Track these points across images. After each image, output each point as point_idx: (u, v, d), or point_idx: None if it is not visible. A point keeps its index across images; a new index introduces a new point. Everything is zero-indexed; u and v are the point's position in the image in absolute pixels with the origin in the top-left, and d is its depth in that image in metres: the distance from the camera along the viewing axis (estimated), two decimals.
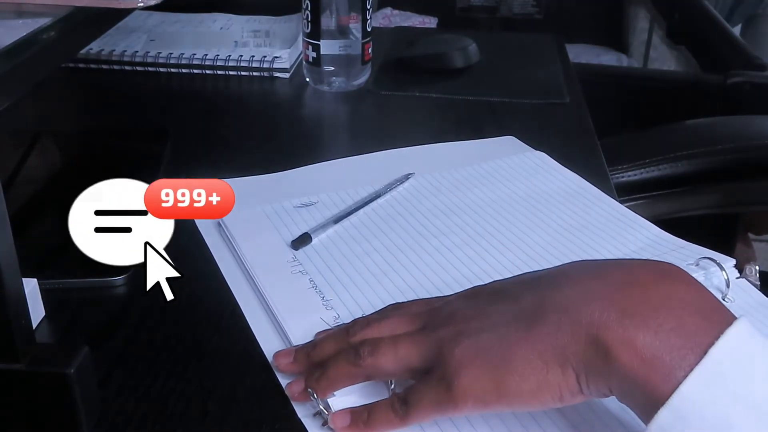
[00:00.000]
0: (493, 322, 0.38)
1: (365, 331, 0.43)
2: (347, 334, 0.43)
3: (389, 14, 1.84)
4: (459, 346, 0.38)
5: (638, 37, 2.14)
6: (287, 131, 0.82)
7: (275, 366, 0.45)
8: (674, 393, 0.32)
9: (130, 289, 0.53)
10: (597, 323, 0.35)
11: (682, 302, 0.35)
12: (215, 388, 0.44)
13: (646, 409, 0.34)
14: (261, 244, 0.56)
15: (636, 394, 0.34)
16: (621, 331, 0.34)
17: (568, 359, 0.35)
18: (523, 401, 0.36)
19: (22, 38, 0.38)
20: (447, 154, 0.73)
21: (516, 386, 0.36)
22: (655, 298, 0.35)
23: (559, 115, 0.85)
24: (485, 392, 0.37)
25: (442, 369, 0.38)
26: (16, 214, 0.59)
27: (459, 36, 1.00)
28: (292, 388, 0.43)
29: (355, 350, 0.41)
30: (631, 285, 0.36)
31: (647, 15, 2.08)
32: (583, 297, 0.36)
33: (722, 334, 0.33)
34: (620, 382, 0.34)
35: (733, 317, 0.35)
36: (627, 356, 0.34)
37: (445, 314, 0.41)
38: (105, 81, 0.95)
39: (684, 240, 0.57)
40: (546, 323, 0.36)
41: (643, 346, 0.33)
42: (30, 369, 0.38)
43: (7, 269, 0.35)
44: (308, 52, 0.88)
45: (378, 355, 0.40)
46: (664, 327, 0.34)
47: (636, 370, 0.33)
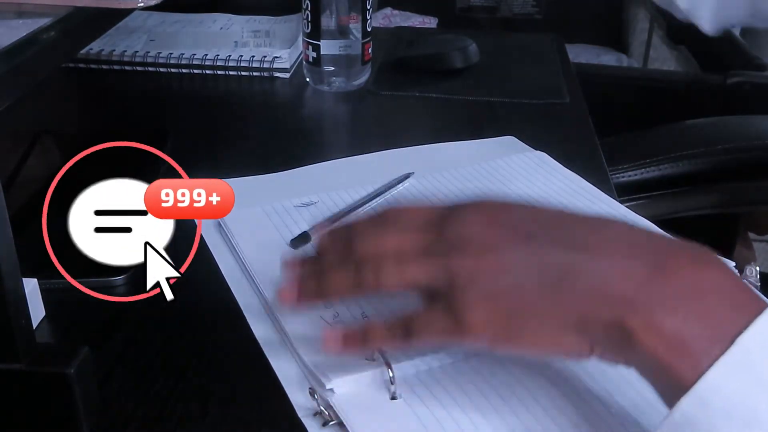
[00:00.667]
0: (515, 269, 0.37)
1: (369, 243, 0.41)
2: (349, 243, 0.41)
3: (389, 14, 1.84)
4: (475, 285, 0.37)
5: (638, 37, 2.14)
6: (287, 131, 0.82)
7: (282, 271, 0.44)
8: (699, 380, 0.32)
9: (130, 289, 0.53)
10: (624, 305, 0.34)
11: (714, 291, 0.34)
12: (215, 388, 0.44)
13: (668, 393, 0.33)
14: (261, 243, 0.56)
15: (658, 376, 0.34)
16: (648, 317, 0.33)
17: (587, 330, 0.35)
18: (531, 352, 0.37)
19: (22, 38, 0.38)
20: (447, 153, 0.73)
21: (527, 340, 0.36)
22: (687, 285, 0.34)
23: (559, 115, 0.85)
24: (495, 335, 0.36)
25: (453, 302, 0.37)
26: (16, 214, 0.59)
27: (459, 36, 1.00)
28: (285, 296, 0.42)
29: (356, 269, 0.40)
30: (663, 269, 0.35)
31: (647, 15, 2.08)
32: (615, 275, 0.35)
33: (752, 323, 0.32)
34: (641, 363, 0.34)
35: (761, 305, 0.34)
36: (652, 341, 0.33)
37: (458, 238, 0.38)
38: (105, 81, 0.95)
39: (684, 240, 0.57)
40: (573, 292, 0.35)
41: (670, 332, 0.33)
42: (30, 369, 0.38)
43: (7, 269, 0.35)
44: (308, 52, 0.88)
45: (382, 276, 0.39)
46: (694, 315, 0.33)
47: (660, 355, 0.33)
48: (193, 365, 0.46)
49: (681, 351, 0.33)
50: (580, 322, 0.35)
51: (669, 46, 1.81)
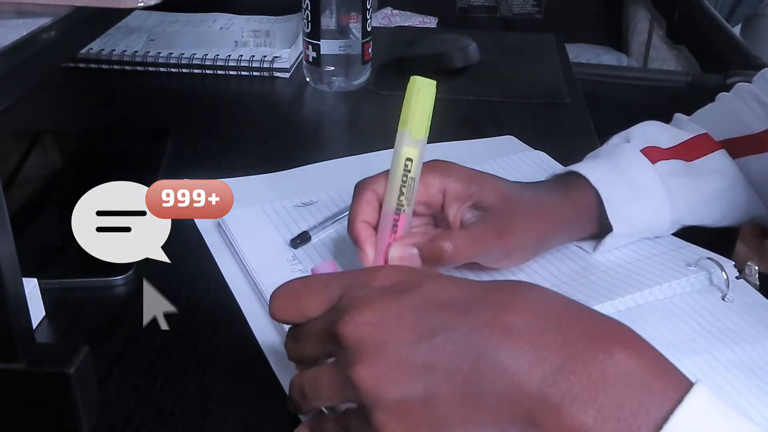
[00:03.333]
0: (420, 374, 0.34)
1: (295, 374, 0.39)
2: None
3: (389, 14, 1.84)
4: (382, 401, 0.34)
5: (638, 37, 2.14)
6: (287, 131, 0.82)
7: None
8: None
9: (130, 289, 0.53)
10: (534, 403, 0.32)
11: (624, 378, 0.32)
12: (215, 388, 0.44)
13: None
14: (261, 243, 0.56)
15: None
16: (560, 419, 0.32)
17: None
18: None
19: (22, 38, 0.38)
20: (446, 153, 0.73)
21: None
22: (596, 375, 0.32)
23: (559, 115, 0.85)
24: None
25: (367, 422, 0.34)
26: (16, 214, 0.59)
27: (459, 36, 1.00)
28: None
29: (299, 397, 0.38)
30: (573, 360, 0.33)
31: (647, 15, 2.08)
32: (524, 368, 0.33)
33: (666, 419, 0.31)
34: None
35: (679, 379, 0.33)
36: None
37: (350, 340, 0.35)
38: (105, 81, 0.95)
39: (683, 240, 0.57)
40: (485, 396, 0.33)
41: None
42: (30, 369, 0.38)
43: (7, 269, 0.35)
44: (308, 51, 0.88)
45: (312, 402, 0.37)
46: (603, 412, 0.31)
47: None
48: (192, 365, 0.46)
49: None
50: (498, 428, 0.33)
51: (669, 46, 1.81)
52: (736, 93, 0.65)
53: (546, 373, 0.33)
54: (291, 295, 0.39)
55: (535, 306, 0.35)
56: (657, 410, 0.31)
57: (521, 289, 0.37)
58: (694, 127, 0.61)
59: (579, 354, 0.33)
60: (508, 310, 0.35)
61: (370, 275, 0.38)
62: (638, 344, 0.34)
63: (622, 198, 0.54)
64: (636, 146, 0.57)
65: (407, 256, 0.46)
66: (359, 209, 0.48)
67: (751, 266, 0.53)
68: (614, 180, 0.54)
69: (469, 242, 0.47)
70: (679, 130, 0.60)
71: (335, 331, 0.35)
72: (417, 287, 0.36)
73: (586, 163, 0.57)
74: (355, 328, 0.35)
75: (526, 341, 0.33)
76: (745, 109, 0.62)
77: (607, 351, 0.33)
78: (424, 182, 0.48)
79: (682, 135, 0.60)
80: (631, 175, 0.55)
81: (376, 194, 0.48)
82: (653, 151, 0.57)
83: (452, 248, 0.46)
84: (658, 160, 0.56)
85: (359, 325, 0.35)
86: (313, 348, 0.38)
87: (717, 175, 0.58)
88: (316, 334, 0.37)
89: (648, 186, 0.55)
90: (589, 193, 0.53)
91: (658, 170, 0.56)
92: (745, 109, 0.62)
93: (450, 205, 0.49)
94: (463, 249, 0.47)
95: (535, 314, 0.35)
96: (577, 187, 0.54)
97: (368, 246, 0.47)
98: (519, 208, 0.50)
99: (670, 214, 0.55)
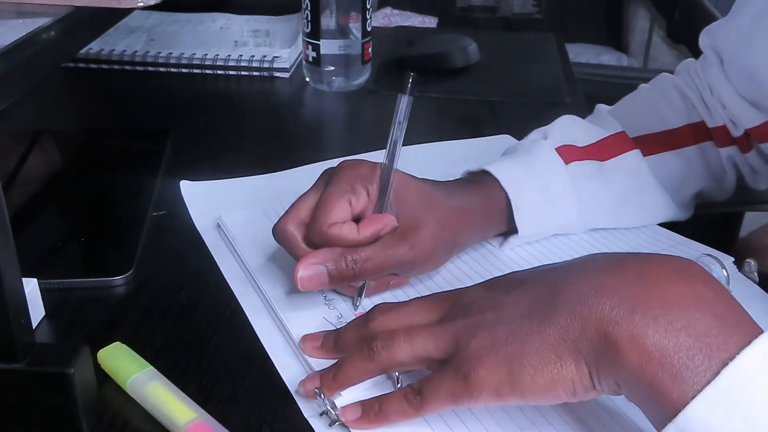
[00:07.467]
0: (508, 314, 0.38)
1: (383, 318, 0.42)
2: (366, 321, 0.43)
3: (389, 14, 1.84)
4: (475, 338, 0.37)
5: (638, 36, 2.14)
6: (287, 131, 0.82)
7: (301, 347, 0.45)
8: (681, 413, 0.31)
9: (130, 289, 0.53)
10: (606, 319, 0.34)
11: (696, 301, 0.33)
12: (215, 388, 0.44)
13: (654, 413, 0.33)
14: (261, 243, 0.56)
15: (642, 394, 0.33)
16: (630, 328, 0.33)
17: (581, 353, 0.35)
18: (537, 395, 0.36)
19: (22, 38, 0.38)
20: (444, 152, 0.73)
21: (530, 379, 0.35)
22: (669, 295, 0.34)
23: (559, 114, 0.85)
24: (501, 384, 0.36)
25: (459, 360, 0.37)
26: (16, 214, 0.59)
27: (459, 36, 1.00)
28: (306, 386, 0.42)
29: (368, 345, 0.40)
30: (643, 280, 0.35)
31: (647, 14, 2.08)
32: (594, 292, 0.35)
33: (741, 351, 0.31)
34: (627, 380, 0.34)
35: (749, 322, 0.33)
36: (635, 354, 0.33)
37: (462, 305, 0.40)
38: (105, 81, 0.95)
39: (683, 236, 0.57)
40: (557, 317, 0.36)
41: (651, 344, 0.32)
42: (30, 369, 0.38)
43: (7, 269, 0.35)
44: (308, 51, 0.88)
45: (393, 348, 0.40)
46: (675, 325, 0.32)
47: (643, 369, 0.32)
48: (192, 365, 0.46)
49: (663, 364, 0.32)
50: (572, 348, 0.35)
51: (669, 45, 1.81)
52: (657, 85, 0.65)
53: (616, 288, 0.35)
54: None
55: (602, 255, 0.40)
56: (731, 340, 0.32)
57: (584, 263, 0.40)
58: (612, 123, 0.62)
59: (653, 277, 0.35)
60: (581, 260, 0.39)
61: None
62: (713, 280, 0.35)
63: (531, 203, 0.55)
64: (552, 144, 0.58)
65: (316, 274, 0.47)
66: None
67: (750, 263, 0.53)
68: (525, 181, 0.55)
69: (376, 252, 0.47)
70: (596, 128, 0.61)
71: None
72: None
73: (500, 162, 0.57)
74: (467, 294, 0.41)
75: (597, 269, 0.37)
76: (662, 103, 0.63)
77: (681, 277, 0.35)
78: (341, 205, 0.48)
79: (599, 133, 0.61)
80: (543, 177, 0.56)
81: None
82: (568, 151, 0.58)
83: (360, 261, 0.47)
84: (572, 160, 0.58)
85: (471, 291, 0.42)
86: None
87: (627, 178, 0.59)
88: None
89: (558, 190, 0.56)
90: (501, 195, 0.55)
91: (570, 171, 0.57)
92: (663, 104, 0.63)
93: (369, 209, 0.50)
94: (373, 260, 0.47)
95: (603, 257, 0.39)
96: (489, 187, 0.55)
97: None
98: (430, 212, 0.50)
99: (577, 217, 0.57)
